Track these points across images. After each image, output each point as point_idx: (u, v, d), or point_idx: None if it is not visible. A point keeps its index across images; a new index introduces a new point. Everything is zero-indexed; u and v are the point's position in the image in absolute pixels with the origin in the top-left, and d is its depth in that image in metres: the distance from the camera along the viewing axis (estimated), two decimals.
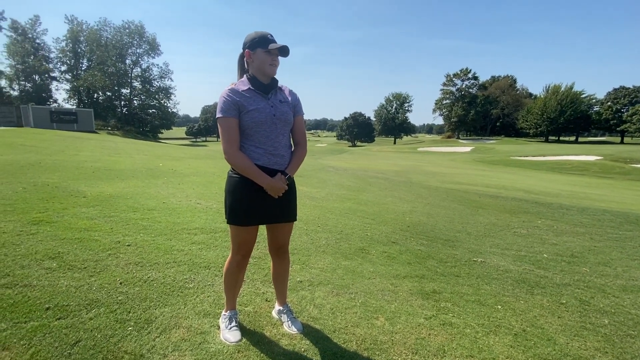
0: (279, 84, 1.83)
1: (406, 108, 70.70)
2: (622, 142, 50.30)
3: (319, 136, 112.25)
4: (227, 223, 1.78)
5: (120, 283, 2.29)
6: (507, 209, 6.48)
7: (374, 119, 71.88)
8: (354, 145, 59.10)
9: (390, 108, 71.72)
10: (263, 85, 1.73)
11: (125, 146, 14.73)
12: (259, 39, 1.68)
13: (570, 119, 50.74)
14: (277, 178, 1.71)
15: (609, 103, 53.94)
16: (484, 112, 64.13)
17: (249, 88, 1.71)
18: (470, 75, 65.47)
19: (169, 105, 50.12)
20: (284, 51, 1.71)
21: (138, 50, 46.67)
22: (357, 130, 64.78)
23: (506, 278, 2.98)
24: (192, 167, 9.43)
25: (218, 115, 1.69)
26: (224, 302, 2.01)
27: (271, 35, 1.70)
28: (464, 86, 66.23)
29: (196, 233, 3.52)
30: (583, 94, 53.15)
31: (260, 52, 1.68)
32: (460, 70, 65.89)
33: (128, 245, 2.95)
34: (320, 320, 2.04)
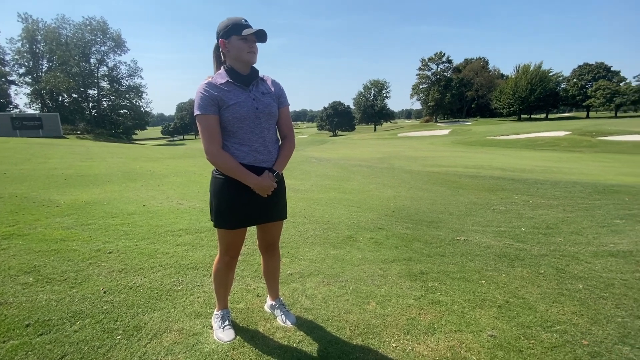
0: (260, 74, 1.71)
1: (384, 95, 71.12)
2: (587, 117, 52.74)
3: (299, 127, 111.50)
4: (214, 227, 1.72)
5: (105, 292, 2.22)
6: (486, 187, 6.71)
7: (354, 108, 72.00)
8: (335, 135, 59.15)
9: (368, 95, 71.96)
10: (243, 76, 1.62)
11: (98, 150, 14.12)
12: (233, 26, 1.55)
13: (540, 97, 52.68)
14: (265, 176, 1.62)
15: (575, 80, 56.29)
16: (459, 94, 65.51)
17: (228, 81, 1.59)
18: (444, 59, 66.47)
19: (141, 104, 48.20)
20: (261, 36, 1.59)
21: (102, 48, 44.37)
22: (337, 119, 64.77)
23: (488, 254, 3.10)
24: (171, 167, 9.17)
25: (196, 112, 1.57)
26: (214, 302, 1.99)
27: (245, 20, 1.58)
28: (439, 70, 67.25)
29: (180, 234, 3.45)
30: (551, 72, 55.18)
31: (236, 40, 1.56)
32: (435, 55, 66.74)
33: (109, 253, 2.86)
34: (313, 310, 2.06)
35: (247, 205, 1.66)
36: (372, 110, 70.06)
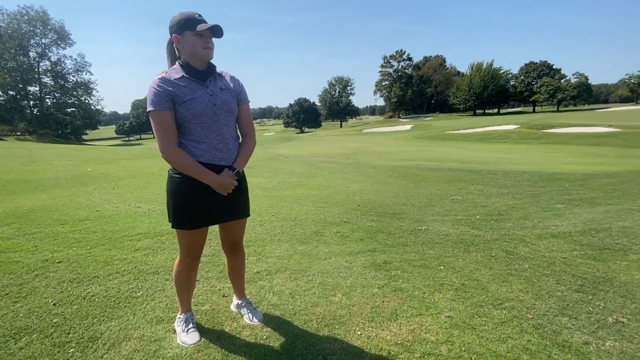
0: (219, 70, 1.67)
1: (349, 91, 72.11)
2: (534, 111, 57.28)
3: (265, 124, 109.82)
4: (173, 227, 1.66)
5: (54, 304, 2.06)
6: (445, 179, 7.07)
7: (320, 104, 72.26)
8: (302, 132, 59.02)
9: (333, 92, 72.56)
10: (199, 72, 1.57)
11: (42, 152, 12.95)
12: (186, 21, 1.50)
13: (492, 93, 56.35)
14: (225, 174, 1.59)
15: (522, 77, 60.76)
16: (419, 91, 68.14)
17: (183, 76, 1.54)
18: (405, 57, 68.69)
19: (91, 102, 44.70)
20: (216, 31, 1.55)
21: (43, 41, 40.42)
22: (303, 116, 64.61)
23: (447, 241, 3.29)
24: (128, 168, 8.66)
25: (149, 108, 1.51)
26: (177, 305, 1.93)
27: (199, 15, 1.53)
28: (400, 67, 69.38)
29: (139, 239, 3.29)
30: (501, 69, 59.16)
31: (190, 35, 1.51)
32: (396, 52, 68.74)
33: (59, 262, 2.66)
34: (280, 306, 2.07)
35: (206, 204, 1.62)
36: (337, 106, 70.79)
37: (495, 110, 63.90)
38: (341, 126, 66.76)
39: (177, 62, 1.60)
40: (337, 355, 1.62)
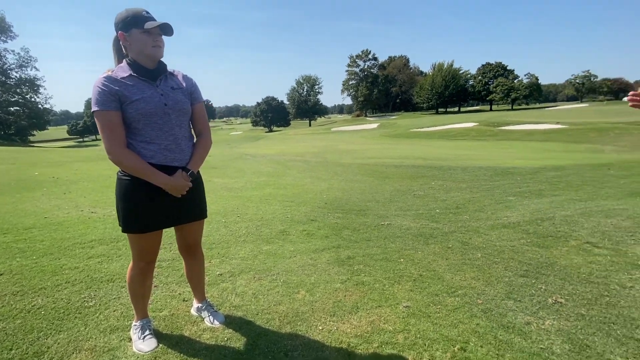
0: (170, 69, 1.63)
1: (317, 90, 72.39)
2: (491, 110, 60.90)
3: (232, 123, 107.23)
4: (123, 232, 1.60)
5: None
6: (408, 175, 7.34)
7: (288, 103, 71.86)
8: (271, 131, 58.38)
9: (301, 91, 72.47)
10: (148, 70, 1.52)
11: None
12: (132, 18, 1.45)
13: (453, 92, 59.24)
14: (178, 176, 1.55)
15: (480, 77, 64.33)
16: (385, 90, 69.95)
17: (131, 75, 1.48)
18: (370, 56, 70.13)
19: (38, 100, 41.07)
20: (166, 29, 1.50)
21: None
22: (272, 115, 63.89)
23: (408, 235, 3.42)
24: (81, 171, 8.11)
25: (94, 108, 1.45)
26: (133, 312, 1.85)
27: (147, 12, 1.48)
28: (366, 67, 70.76)
29: (93, 246, 3.11)
30: (461, 70, 62.30)
31: (137, 33, 1.46)
32: (362, 52, 69.98)
33: (0, 275, 2.45)
34: (242, 307, 2.05)
35: (158, 206, 1.58)
36: (306, 105, 70.81)
37: (456, 109, 67.20)
38: (310, 125, 66.89)
39: (124, 60, 1.54)
40: (299, 351, 1.65)
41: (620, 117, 20.76)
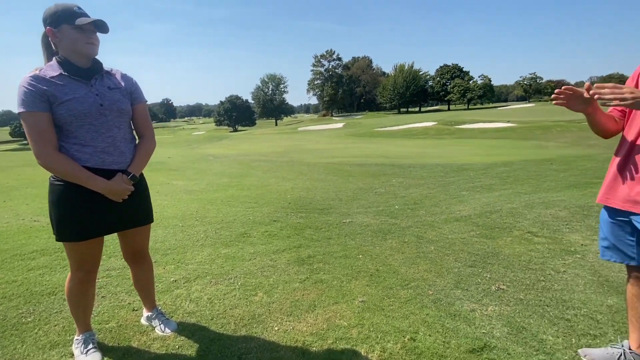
0: (107, 68, 1.55)
1: (282, 89, 71.91)
2: (449, 109, 64.09)
3: (194, 123, 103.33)
4: (57, 240, 1.49)
5: None
6: (371, 173, 7.53)
7: (253, 102, 70.63)
8: (236, 130, 57.04)
9: (267, 90, 71.61)
10: (81, 69, 1.43)
11: None
12: (63, 13, 1.36)
13: (414, 92, 61.64)
14: (117, 179, 1.47)
15: (438, 78, 67.47)
16: (350, 90, 71.17)
17: (61, 74, 1.39)
18: (335, 57, 70.94)
19: None
20: (100, 27, 1.43)
21: None
22: (236, 114, 62.41)
23: (367, 231, 3.51)
24: (25, 177, 7.43)
25: (19, 109, 1.34)
26: (75, 326, 1.73)
27: (79, 8, 1.40)
28: (331, 67, 71.47)
29: (34, 257, 2.88)
30: (421, 71, 64.96)
31: (68, 29, 1.37)
32: (326, 52, 70.60)
33: None
34: (196, 312, 1.99)
35: (96, 212, 1.49)
36: (271, 104, 70.08)
37: (417, 109, 69.93)
38: (276, 124, 66.30)
39: (54, 58, 1.44)
40: (253, 354, 1.63)
41: (563, 116, 22.74)
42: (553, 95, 1.41)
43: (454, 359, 1.59)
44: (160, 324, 1.81)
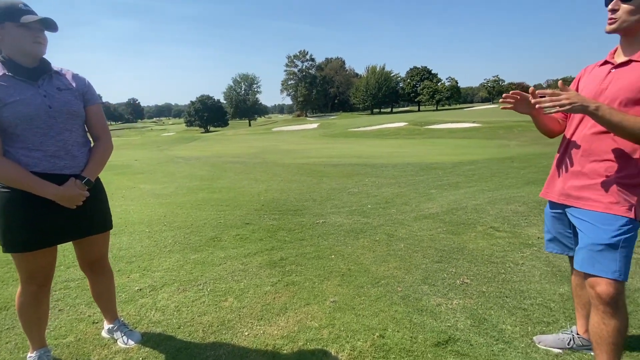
0: (57, 67, 1.47)
1: (255, 89, 70.98)
2: (419, 110, 66.11)
3: (163, 124, 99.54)
4: (4, 252, 1.39)
5: None
6: (345, 173, 7.61)
7: (225, 102, 69.10)
8: (208, 131, 55.56)
9: (239, 90, 70.38)
10: (27, 69, 1.35)
11: None
12: (6, 10, 1.28)
13: (386, 94, 63.01)
14: (70, 185, 1.39)
15: (408, 80, 69.40)
16: (323, 91, 71.52)
17: (5, 74, 1.31)
18: (308, 57, 71.01)
19: None
20: (48, 25, 1.35)
21: None
22: (207, 114, 60.74)
23: (340, 231, 3.55)
24: None
25: None
26: (28, 343, 1.61)
27: (25, 5, 1.32)
28: (304, 67, 71.48)
29: None
30: (392, 73, 66.55)
31: (13, 27, 1.29)
32: (299, 52, 70.52)
33: None
34: (162, 322, 1.92)
35: (47, 220, 1.40)
36: (244, 105, 68.97)
37: (389, 110, 71.57)
38: (250, 125, 65.30)
39: None
40: None
41: (523, 116, 24.15)
42: (500, 100, 1.50)
43: (420, 353, 1.64)
44: (122, 336, 1.73)
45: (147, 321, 1.94)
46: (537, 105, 1.23)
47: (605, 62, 1.36)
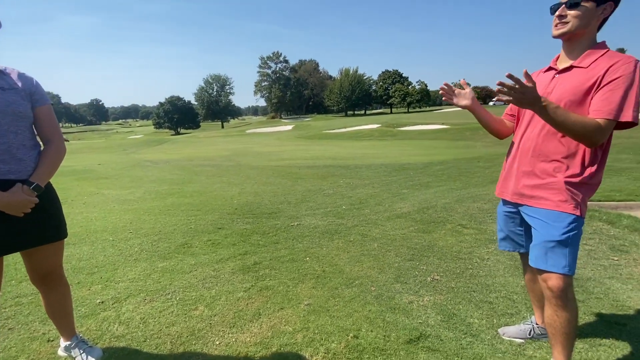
0: (1, 67, 1.36)
1: (228, 90, 69.63)
2: (391, 112, 67.68)
3: (130, 126, 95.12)
4: None
5: None
6: (320, 175, 7.62)
7: (196, 103, 67.20)
8: (178, 133, 53.76)
9: (211, 91, 68.75)
10: None
11: None
12: None
13: (359, 96, 64.00)
14: (16, 190, 1.28)
15: (380, 83, 70.92)
16: (298, 93, 71.46)
17: None
18: (281, 59, 70.71)
19: None
20: None
21: None
22: (178, 116, 58.84)
23: (315, 233, 3.54)
24: None
25: None
26: None
27: None
28: (278, 69, 71.10)
29: None
30: (365, 75, 67.68)
31: None
32: (273, 54, 70.07)
33: None
34: (127, 335, 1.82)
35: None
36: (217, 106, 67.46)
37: (363, 112, 72.69)
38: (223, 127, 63.92)
39: None
40: None
41: None
42: (440, 92, 1.57)
43: (393, 351, 1.67)
44: (81, 353, 1.62)
45: (109, 336, 1.82)
46: (496, 89, 1.25)
47: (550, 68, 1.45)
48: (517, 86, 1.17)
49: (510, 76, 1.18)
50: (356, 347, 1.69)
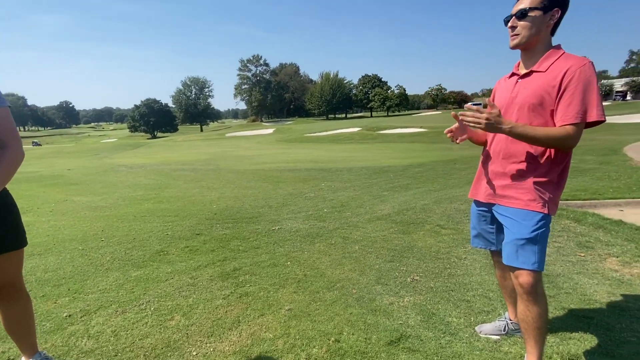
0: None
1: (207, 93, 68.45)
2: (371, 116, 68.70)
3: (103, 129, 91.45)
4: None
5: None
6: (301, 178, 7.59)
7: (174, 106, 65.56)
8: (155, 137, 52.18)
9: (189, 93, 67.32)
10: None
11: None
12: None
13: (340, 100, 64.60)
14: None
15: (361, 87, 71.93)
16: (278, 96, 71.23)
17: None
18: (262, 62, 70.35)
19: None
20: None
21: None
22: (154, 119, 57.19)
23: (296, 237, 3.51)
24: None
25: None
26: None
27: None
28: (258, 72, 70.68)
29: None
30: (345, 80, 68.46)
31: None
32: (253, 57, 69.67)
33: None
34: (96, 350, 1.72)
35: None
36: (195, 109, 66.10)
37: (343, 115, 73.43)
38: (202, 130, 62.65)
39: None
40: None
41: None
42: (448, 135, 1.61)
43: (374, 353, 1.66)
44: None
45: (77, 351, 1.72)
46: (460, 118, 1.34)
47: (513, 74, 1.52)
48: (481, 114, 1.25)
49: (469, 108, 1.26)
50: (337, 351, 1.67)
